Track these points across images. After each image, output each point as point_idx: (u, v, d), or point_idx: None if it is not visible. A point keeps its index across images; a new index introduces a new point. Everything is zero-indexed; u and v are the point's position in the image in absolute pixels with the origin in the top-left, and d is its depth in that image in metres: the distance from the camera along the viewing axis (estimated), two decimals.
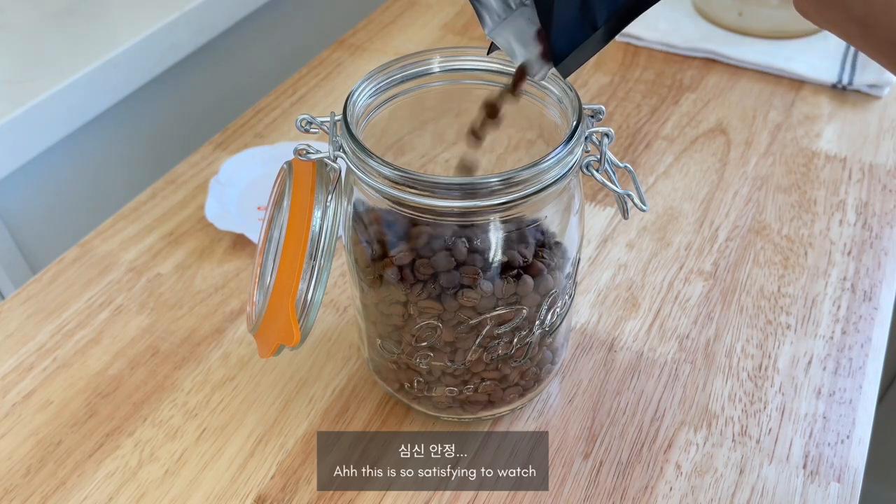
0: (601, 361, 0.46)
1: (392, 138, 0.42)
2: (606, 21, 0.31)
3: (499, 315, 0.36)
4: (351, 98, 0.36)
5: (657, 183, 0.59)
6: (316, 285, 0.34)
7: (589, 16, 0.31)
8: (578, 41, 0.31)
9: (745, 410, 0.44)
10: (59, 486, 0.41)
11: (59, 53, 0.65)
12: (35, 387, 0.46)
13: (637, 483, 0.41)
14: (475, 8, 0.32)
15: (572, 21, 0.31)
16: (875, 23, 0.25)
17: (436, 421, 0.43)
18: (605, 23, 0.31)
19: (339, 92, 0.70)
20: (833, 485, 0.40)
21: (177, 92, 0.75)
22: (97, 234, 0.56)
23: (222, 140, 0.65)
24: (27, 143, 0.60)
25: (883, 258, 0.52)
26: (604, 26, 0.31)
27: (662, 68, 0.71)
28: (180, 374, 0.47)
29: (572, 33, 0.31)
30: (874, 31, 0.25)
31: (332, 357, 0.47)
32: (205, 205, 0.57)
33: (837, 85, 0.67)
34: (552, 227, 0.37)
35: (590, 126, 0.35)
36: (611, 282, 0.51)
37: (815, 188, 0.58)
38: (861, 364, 0.46)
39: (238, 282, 0.52)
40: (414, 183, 0.32)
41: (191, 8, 0.70)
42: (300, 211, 0.35)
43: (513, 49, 0.32)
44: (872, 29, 0.25)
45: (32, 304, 0.51)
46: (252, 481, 0.41)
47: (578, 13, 0.31)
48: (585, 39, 0.31)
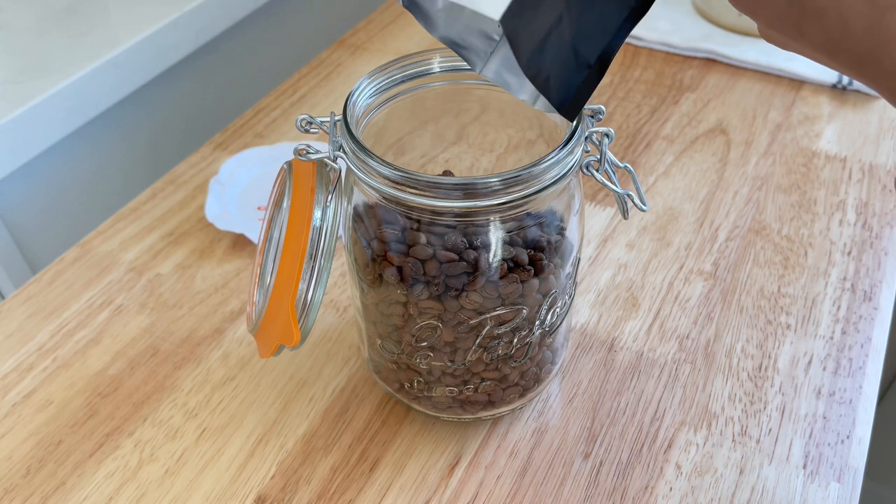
0: (601, 361, 0.46)
1: (392, 138, 0.42)
2: (600, 56, 0.31)
3: (499, 315, 0.36)
4: (351, 98, 0.36)
5: (657, 183, 0.59)
6: (316, 285, 0.34)
7: (581, 56, 0.30)
8: (576, 84, 0.31)
9: (745, 410, 0.44)
10: (59, 486, 0.41)
11: (59, 53, 0.65)
12: (35, 387, 0.46)
13: (637, 483, 0.41)
14: (461, 55, 0.32)
15: (565, 67, 0.30)
16: (837, 50, 0.26)
17: (436, 421, 0.43)
18: (599, 58, 0.31)
19: (339, 92, 0.70)
20: (833, 485, 0.40)
21: (177, 92, 0.75)
22: (97, 234, 0.56)
23: (222, 140, 0.65)
24: (27, 143, 0.60)
25: (883, 258, 0.52)
26: (598, 61, 0.31)
27: (662, 68, 0.71)
28: (180, 375, 0.47)
29: (568, 79, 0.31)
30: (838, 58, 0.27)
31: (332, 357, 0.47)
32: (205, 205, 0.57)
33: (837, 85, 0.67)
34: (552, 227, 0.37)
35: (590, 126, 0.35)
36: (611, 282, 0.51)
37: (815, 188, 0.58)
38: (861, 364, 0.46)
39: (238, 282, 0.52)
40: (414, 183, 0.32)
41: (191, 8, 0.70)
42: (300, 211, 0.35)
43: (507, 82, 0.32)
44: (836, 56, 0.27)
45: (32, 304, 0.51)
46: (252, 481, 0.41)
47: (571, 57, 0.30)
48: (582, 81, 0.31)
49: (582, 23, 0.30)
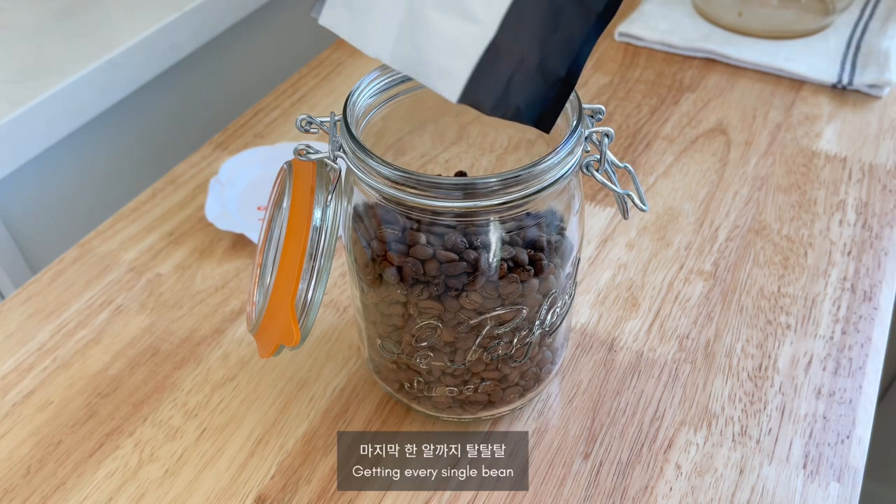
0: (601, 361, 0.46)
1: (392, 138, 0.42)
2: (569, 67, 0.30)
3: (499, 315, 0.36)
4: (351, 98, 0.36)
5: (657, 183, 0.59)
6: (316, 285, 0.34)
7: (549, 75, 0.30)
8: (549, 99, 0.30)
9: (745, 410, 0.44)
10: (59, 486, 0.41)
11: (59, 53, 0.65)
12: (35, 387, 0.46)
13: (637, 483, 0.41)
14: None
15: (534, 91, 0.30)
16: None
17: (436, 421, 0.43)
18: (569, 69, 0.30)
19: (339, 92, 0.70)
20: (833, 485, 0.40)
21: (177, 92, 0.75)
22: (97, 234, 0.56)
23: (222, 140, 0.65)
24: (27, 143, 0.60)
25: (883, 258, 0.52)
26: (567, 72, 0.30)
27: (662, 68, 0.71)
28: (180, 375, 0.47)
29: (538, 98, 0.30)
30: None
31: (332, 357, 0.47)
32: (205, 205, 0.57)
33: (837, 85, 0.67)
34: (552, 227, 0.37)
35: (590, 126, 0.35)
36: (611, 282, 0.51)
37: (815, 188, 0.58)
38: (861, 364, 0.46)
39: (238, 282, 0.52)
40: (414, 183, 0.32)
41: (191, 8, 0.71)
42: (300, 211, 0.35)
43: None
44: None
45: (32, 304, 0.51)
46: (252, 481, 0.41)
47: (539, 80, 0.30)
48: (554, 95, 0.30)
49: (546, 48, 0.30)
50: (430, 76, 0.29)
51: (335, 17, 0.30)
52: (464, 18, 0.28)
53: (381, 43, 0.30)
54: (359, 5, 0.30)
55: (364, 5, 0.29)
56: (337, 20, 0.30)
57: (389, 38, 0.29)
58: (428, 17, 0.29)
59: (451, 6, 0.28)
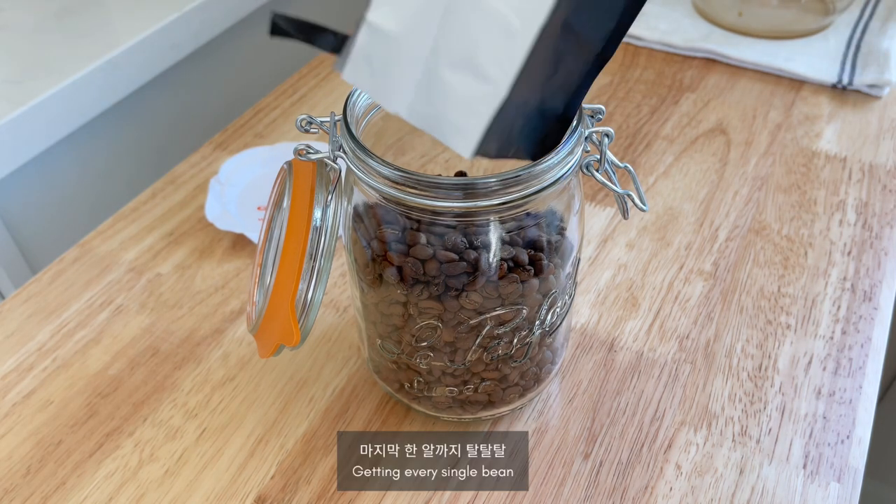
0: (601, 361, 0.46)
1: (392, 138, 0.42)
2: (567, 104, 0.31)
3: (499, 315, 0.36)
4: (351, 98, 0.36)
5: (657, 183, 0.59)
6: (316, 285, 0.34)
7: (548, 112, 0.31)
8: (546, 134, 0.32)
9: (745, 410, 0.44)
10: (59, 486, 0.41)
11: (59, 53, 0.65)
12: (35, 387, 0.46)
13: (637, 483, 0.41)
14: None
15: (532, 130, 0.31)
16: None
17: (436, 421, 0.43)
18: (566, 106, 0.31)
19: (339, 92, 0.70)
20: (833, 485, 0.40)
21: (177, 92, 0.75)
22: (97, 234, 0.56)
23: (222, 140, 0.65)
24: (27, 143, 0.60)
25: (883, 258, 0.52)
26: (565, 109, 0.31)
27: (662, 68, 0.71)
28: (180, 375, 0.47)
29: (536, 135, 0.31)
30: None
31: (332, 357, 0.47)
32: (205, 205, 0.57)
33: (837, 85, 0.67)
34: (552, 227, 0.37)
35: (590, 126, 0.35)
36: (611, 282, 0.51)
37: (815, 188, 0.58)
38: (861, 364, 0.46)
39: (238, 282, 0.52)
40: (414, 183, 0.32)
41: (191, 8, 0.71)
42: (300, 211, 0.35)
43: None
44: None
45: (32, 304, 0.51)
46: (252, 481, 0.41)
47: (537, 119, 0.31)
48: (549, 130, 0.32)
49: (546, 90, 0.30)
50: (445, 134, 0.30)
51: (357, 73, 0.31)
52: (477, 79, 0.29)
53: (400, 100, 0.31)
54: (379, 63, 0.30)
55: (384, 64, 0.30)
56: (359, 77, 0.31)
57: (408, 96, 0.30)
58: (443, 77, 0.29)
59: (465, 67, 0.29)
